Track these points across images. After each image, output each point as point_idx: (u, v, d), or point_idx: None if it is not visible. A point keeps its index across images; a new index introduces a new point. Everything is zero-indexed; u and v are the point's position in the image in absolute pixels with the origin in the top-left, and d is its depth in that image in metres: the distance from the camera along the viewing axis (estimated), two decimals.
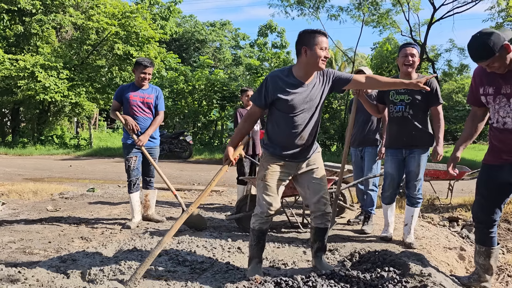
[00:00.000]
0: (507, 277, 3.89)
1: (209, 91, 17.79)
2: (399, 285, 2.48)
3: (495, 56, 2.60)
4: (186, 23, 35.34)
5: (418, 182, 3.98)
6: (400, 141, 3.96)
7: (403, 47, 4.01)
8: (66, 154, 16.58)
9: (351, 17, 16.92)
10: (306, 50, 2.82)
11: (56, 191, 7.02)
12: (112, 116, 4.87)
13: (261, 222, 2.99)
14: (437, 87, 3.91)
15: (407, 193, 4.06)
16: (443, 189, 7.19)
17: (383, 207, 4.21)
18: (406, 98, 3.91)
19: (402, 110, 3.93)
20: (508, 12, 13.85)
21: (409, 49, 3.92)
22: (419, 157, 3.93)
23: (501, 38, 2.59)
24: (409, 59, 3.89)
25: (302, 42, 2.86)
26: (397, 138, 3.98)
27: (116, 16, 17.55)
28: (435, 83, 3.94)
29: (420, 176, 3.97)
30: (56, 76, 16.52)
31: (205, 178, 9.74)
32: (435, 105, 3.91)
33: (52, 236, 4.22)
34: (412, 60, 3.90)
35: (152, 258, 2.81)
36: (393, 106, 3.99)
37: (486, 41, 2.60)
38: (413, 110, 3.91)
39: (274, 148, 2.99)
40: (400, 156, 3.99)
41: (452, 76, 26.71)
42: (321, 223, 3.06)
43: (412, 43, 4.02)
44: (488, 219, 2.96)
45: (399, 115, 3.95)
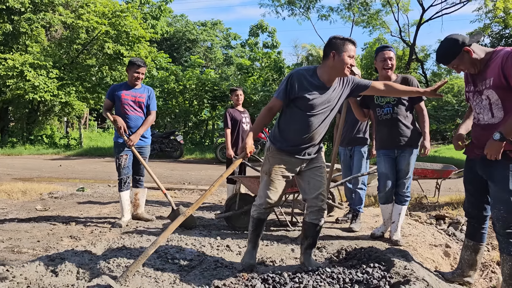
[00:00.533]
0: (491, 273, 3.98)
1: (200, 90, 17.78)
2: (383, 280, 2.53)
3: (453, 60, 2.76)
4: (177, 23, 35.27)
5: (407, 180, 4.05)
6: (393, 143, 4.02)
7: (380, 50, 4.06)
8: (56, 154, 16.47)
9: (342, 17, 17.02)
10: (335, 55, 2.93)
11: (45, 191, 6.99)
12: (104, 115, 4.90)
13: (259, 212, 3.18)
14: (417, 85, 3.98)
15: (396, 191, 4.11)
16: (431, 188, 7.29)
17: (382, 207, 4.24)
18: (392, 100, 3.98)
19: (390, 112, 4.00)
20: (495, 13, 14.05)
21: (386, 52, 4.00)
22: (410, 156, 4.00)
23: (460, 44, 2.72)
24: (388, 62, 3.97)
25: (332, 46, 2.97)
26: (389, 140, 4.03)
27: (106, 15, 17.45)
28: (415, 81, 4.02)
29: (410, 175, 4.05)
30: (46, 75, 16.40)
31: (196, 178, 9.76)
32: (418, 102, 3.99)
33: (41, 235, 4.22)
34: (391, 63, 3.99)
35: (145, 257, 2.83)
36: (380, 109, 4.05)
37: (445, 46, 2.78)
38: (400, 110, 3.98)
39: (282, 143, 3.08)
40: (393, 155, 4.06)
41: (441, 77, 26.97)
42: (315, 218, 3.13)
43: (389, 46, 4.09)
44: (480, 214, 3.04)
45: (388, 117, 4.01)
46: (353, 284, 2.58)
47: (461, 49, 2.72)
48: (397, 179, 4.08)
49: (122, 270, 3.04)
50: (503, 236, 2.77)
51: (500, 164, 2.71)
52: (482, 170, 2.86)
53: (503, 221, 2.74)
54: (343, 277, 2.65)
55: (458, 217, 5.48)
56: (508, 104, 2.70)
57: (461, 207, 5.97)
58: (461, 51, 2.72)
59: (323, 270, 2.71)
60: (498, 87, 2.66)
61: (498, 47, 2.83)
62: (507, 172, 2.69)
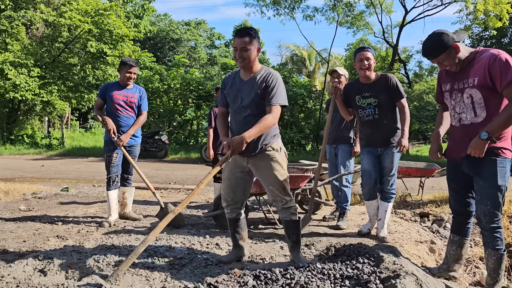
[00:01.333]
0: (474, 268, 4.09)
1: (184, 90, 17.69)
2: (374, 275, 2.58)
3: (441, 55, 2.79)
4: (161, 22, 35.03)
5: (391, 177, 4.11)
6: (376, 142, 4.08)
7: (358, 51, 4.10)
8: (37, 154, 16.18)
9: (326, 18, 17.17)
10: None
11: (28, 191, 6.87)
12: (94, 115, 4.87)
13: (226, 212, 3.28)
14: (397, 82, 4.04)
15: (381, 188, 4.18)
16: (415, 186, 7.41)
17: (366, 203, 4.30)
18: (373, 101, 4.04)
19: (372, 113, 4.05)
20: (475, 15, 14.36)
21: (364, 53, 4.04)
22: (393, 154, 4.06)
23: (450, 39, 2.77)
24: (365, 63, 4.01)
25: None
26: (372, 139, 4.09)
27: (89, 13, 17.22)
28: (394, 78, 4.08)
29: (393, 172, 4.11)
30: (27, 74, 16.10)
31: (182, 178, 9.72)
32: (399, 100, 4.03)
33: (26, 235, 4.15)
34: (368, 63, 4.03)
35: (135, 256, 2.82)
36: (362, 111, 4.10)
37: (435, 40, 2.79)
38: (382, 110, 4.03)
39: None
40: (376, 153, 4.12)
41: (423, 77, 27.43)
42: (285, 216, 3.17)
43: (366, 47, 4.12)
44: (465, 210, 3.12)
45: (370, 119, 4.07)
46: (343, 280, 2.62)
47: (450, 44, 2.76)
48: (381, 177, 4.16)
49: (112, 269, 3.02)
50: (489, 231, 2.85)
51: (487, 161, 2.78)
52: (468, 169, 2.92)
53: (489, 216, 2.82)
54: (334, 273, 2.68)
55: (442, 214, 5.59)
56: (491, 104, 2.78)
57: (445, 205, 6.11)
58: (449, 46, 2.77)
59: (314, 266, 2.74)
60: (483, 87, 2.73)
61: (479, 47, 2.90)
62: (494, 168, 2.76)
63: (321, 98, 17.22)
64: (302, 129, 16.84)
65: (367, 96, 4.05)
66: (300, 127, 16.93)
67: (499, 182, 2.77)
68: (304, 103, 17.30)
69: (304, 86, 17.31)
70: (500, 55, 2.68)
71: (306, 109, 17.57)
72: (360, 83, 4.12)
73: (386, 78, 4.06)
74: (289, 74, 18.20)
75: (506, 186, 2.82)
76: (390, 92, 3.99)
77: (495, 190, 2.78)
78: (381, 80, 4.05)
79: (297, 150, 16.29)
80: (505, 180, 2.80)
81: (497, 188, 2.78)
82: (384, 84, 4.02)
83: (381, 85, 4.02)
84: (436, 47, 2.79)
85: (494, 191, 2.78)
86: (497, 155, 2.76)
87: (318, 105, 17.31)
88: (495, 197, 2.78)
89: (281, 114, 3.24)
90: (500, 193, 2.79)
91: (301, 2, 16.84)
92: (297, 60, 32.18)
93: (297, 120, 17.31)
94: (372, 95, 4.02)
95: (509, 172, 2.82)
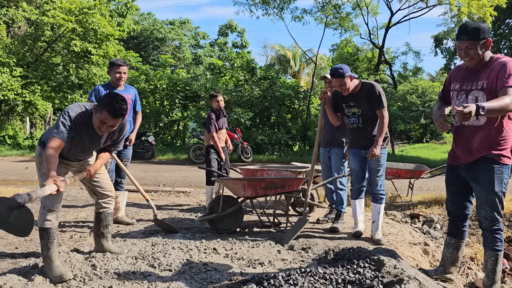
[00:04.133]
0: (467, 269, 4.16)
1: (171, 90, 17.55)
2: (376, 280, 2.60)
3: (476, 41, 2.80)
4: (144, 21, 34.66)
5: (379, 178, 4.20)
6: (360, 146, 4.23)
7: (331, 77, 4.14)
8: (20, 156, 15.84)
9: (315, 19, 17.25)
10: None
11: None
12: None
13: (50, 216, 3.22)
14: (379, 91, 4.11)
15: (370, 190, 4.28)
16: (403, 187, 7.51)
17: (352, 203, 4.40)
18: (357, 111, 4.17)
19: (356, 122, 4.20)
20: (459, 17, 14.62)
21: (334, 81, 4.08)
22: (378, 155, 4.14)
23: (488, 33, 2.83)
24: (342, 88, 4.08)
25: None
26: (356, 143, 4.26)
27: (73, 12, 16.93)
28: (377, 87, 4.15)
29: (381, 173, 4.19)
30: (9, 73, 15.75)
31: (171, 179, 9.64)
32: (379, 108, 4.10)
33: (18, 241, 4.06)
34: (343, 88, 4.09)
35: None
36: (347, 119, 4.26)
37: (479, 25, 2.83)
38: (366, 119, 4.16)
39: None
40: (361, 155, 4.26)
41: (407, 78, 27.79)
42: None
43: (336, 70, 4.07)
44: (461, 213, 3.18)
45: (354, 127, 4.23)
46: (346, 285, 2.64)
47: (486, 36, 2.81)
48: (369, 178, 4.27)
49: (111, 276, 2.97)
50: (490, 232, 2.92)
51: (485, 168, 2.84)
52: (466, 174, 2.99)
53: (489, 220, 2.89)
54: (336, 278, 2.69)
55: (432, 215, 5.68)
56: None
57: (434, 206, 6.20)
58: (485, 38, 2.81)
59: (316, 271, 2.75)
60: (490, 92, 2.79)
61: (497, 54, 2.95)
62: (492, 174, 2.82)
63: (308, 98, 17.29)
64: (289, 129, 16.89)
65: (351, 106, 4.19)
66: (287, 128, 16.98)
67: (496, 189, 2.83)
68: (291, 104, 17.35)
69: (291, 87, 17.35)
70: (508, 63, 2.76)
71: (293, 110, 17.62)
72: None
73: (369, 87, 4.16)
74: (276, 75, 18.22)
75: (504, 192, 2.88)
76: (371, 103, 4.10)
77: (493, 196, 2.84)
78: (363, 89, 4.16)
79: (285, 150, 16.33)
80: (502, 186, 2.86)
81: (494, 194, 2.84)
82: (366, 93, 4.13)
83: (364, 94, 4.14)
84: (476, 31, 2.80)
85: (491, 197, 2.85)
86: (495, 162, 2.82)
87: (305, 105, 17.39)
88: (493, 202, 2.85)
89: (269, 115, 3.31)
90: (498, 199, 2.85)
91: (290, 3, 16.90)
92: (282, 61, 32.27)
93: (284, 121, 17.35)
94: (356, 105, 4.16)
95: (507, 179, 2.87)
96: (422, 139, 29.05)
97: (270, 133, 16.28)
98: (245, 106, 16.62)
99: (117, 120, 2.95)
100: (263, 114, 17.08)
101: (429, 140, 28.79)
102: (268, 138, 15.86)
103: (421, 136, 29.44)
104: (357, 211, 4.37)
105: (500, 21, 17.70)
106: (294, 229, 4.18)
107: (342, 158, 4.87)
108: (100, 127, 2.99)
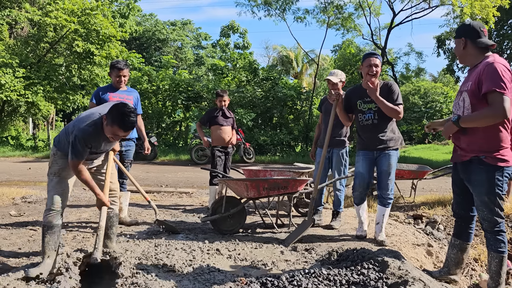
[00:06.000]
0: (471, 270, 4.13)
1: (173, 91, 17.57)
2: (381, 281, 2.59)
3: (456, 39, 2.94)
4: (146, 22, 34.69)
5: (390, 181, 4.13)
6: (372, 146, 4.14)
7: (367, 56, 4.15)
8: (23, 156, 15.88)
9: (317, 20, 17.24)
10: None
11: (17, 195, 6.72)
12: None
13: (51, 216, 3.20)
14: (397, 90, 4.12)
15: (379, 193, 4.21)
16: (406, 188, 7.49)
17: (356, 207, 4.34)
18: (374, 106, 4.12)
19: (372, 118, 4.13)
20: (462, 18, 14.57)
21: (372, 59, 4.08)
22: (390, 156, 4.10)
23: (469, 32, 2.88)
24: (373, 69, 4.07)
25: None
26: (369, 143, 4.15)
27: (75, 13, 16.97)
28: (395, 86, 4.15)
29: (391, 176, 4.13)
30: (12, 74, 15.78)
31: (173, 180, 9.64)
32: (397, 105, 4.08)
33: (21, 242, 4.06)
34: (376, 70, 4.08)
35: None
36: (362, 115, 4.18)
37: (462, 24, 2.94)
38: (381, 115, 4.10)
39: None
40: (372, 157, 4.16)
41: (410, 79, 27.75)
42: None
43: (376, 54, 4.16)
44: (466, 214, 3.16)
45: (369, 123, 4.15)
46: (350, 286, 2.63)
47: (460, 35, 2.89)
48: (380, 181, 4.17)
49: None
50: (491, 234, 2.90)
51: (476, 169, 2.83)
52: (462, 174, 3.00)
53: (488, 221, 2.87)
54: (340, 279, 2.68)
55: (435, 216, 5.65)
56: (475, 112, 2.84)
57: (437, 207, 6.18)
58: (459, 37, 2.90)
59: (320, 272, 2.74)
60: (473, 93, 2.80)
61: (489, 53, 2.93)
62: (483, 176, 2.81)
63: (310, 99, 17.29)
64: (292, 130, 16.88)
65: (368, 101, 4.13)
66: (290, 129, 16.96)
67: (487, 190, 2.81)
68: (294, 105, 17.34)
69: (293, 87, 17.35)
70: (494, 63, 2.73)
71: (295, 111, 17.61)
72: (362, 88, 4.17)
73: (388, 84, 4.14)
74: (278, 76, 18.21)
75: (500, 193, 2.84)
76: (389, 99, 4.05)
77: (485, 197, 2.83)
78: (382, 86, 4.13)
79: (287, 151, 16.32)
80: (495, 188, 2.82)
81: (487, 195, 2.82)
82: (385, 90, 4.09)
83: (383, 91, 4.09)
84: (458, 29, 2.95)
85: (484, 198, 2.84)
86: (485, 163, 2.81)
87: (307, 106, 17.37)
88: (487, 203, 2.83)
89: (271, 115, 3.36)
90: (491, 201, 2.82)
91: (292, 4, 16.90)
92: (285, 61, 32.28)
93: (287, 121, 17.34)
94: (372, 100, 4.08)
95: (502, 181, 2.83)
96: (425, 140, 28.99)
97: (272, 134, 16.27)
98: (247, 107, 16.62)
99: (129, 132, 3.09)
100: (265, 115, 17.07)
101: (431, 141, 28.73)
102: (270, 139, 15.85)
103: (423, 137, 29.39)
104: (362, 215, 4.32)
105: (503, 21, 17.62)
106: (298, 231, 4.17)
107: (343, 159, 4.86)
108: (113, 138, 3.15)
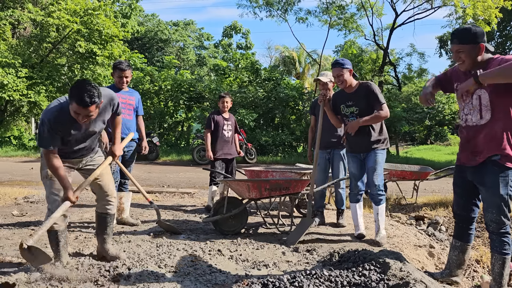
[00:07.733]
0: (473, 272, 4.13)
1: (175, 91, 17.59)
2: (382, 283, 2.59)
3: (466, 45, 2.83)
4: (149, 22, 34.76)
5: (376, 177, 4.11)
6: (360, 148, 4.21)
7: (332, 67, 4.20)
8: (25, 156, 15.93)
9: (319, 20, 17.25)
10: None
11: (20, 195, 6.74)
12: None
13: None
14: (375, 89, 4.12)
15: (369, 192, 4.24)
16: (407, 189, 7.48)
17: (351, 206, 4.38)
18: (355, 110, 4.16)
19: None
20: (464, 19, 14.56)
21: (334, 70, 4.15)
22: (376, 154, 4.14)
23: (481, 37, 2.82)
24: (337, 80, 4.15)
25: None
26: (356, 146, 4.24)
27: (78, 13, 17.02)
28: (373, 86, 4.16)
29: (378, 172, 4.12)
30: (15, 74, 15.83)
31: (175, 180, 9.66)
32: (379, 106, 4.08)
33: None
34: (339, 80, 4.13)
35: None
36: (346, 119, 4.25)
37: (469, 29, 2.84)
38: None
39: None
40: (360, 157, 4.25)
41: (412, 79, 27.71)
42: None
43: (338, 62, 4.16)
44: (467, 216, 3.16)
45: None
46: (351, 287, 2.63)
47: (478, 41, 2.81)
48: (367, 179, 4.23)
49: (110, 274, 2.98)
50: (497, 235, 2.90)
51: (491, 170, 2.83)
52: (472, 177, 2.98)
53: (496, 223, 2.87)
54: (341, 280, 2.68)
55: (437, 217, 5.65)
56: (496, 107, 2.82)
57: (439, 208, 6.18)
58: (477, 42, 2.81)
59: (321, 273, 2.74)
60: (493, 91, 2.78)
61: (497, 55, 2.93)
62: (497, 177, 2.81)
63: (311, 100, 17.27)
64: (294, 131, 16.88)
65: (350, 105, 4.19)
66: (292, 129, 16.97)
67: (501, 192, 2.81)
68: (296, 105, 17.35)
69: (295, 88, 17.35)
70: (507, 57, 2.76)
71: (298, 111, 17.62)
72: (344, 92, 4.25)
73: (365, 86, 4.18)
74: (280, 76, 18.22)
75: (511, 195, 2.86)
76: (370, 101, 4.10)
77: (499, 199, 2.83)
78: (361, 88, 4.17)
79: (289, 152, 16.32)
80: (508, 189, 2.83)
81: (500, 197, 2.82)
82: (363, 92, 4.13)
83: (361, 93, 4.14)
84: (466, 34, 2.83)
85: (497, 200, 2.83)
86: (500, 165, 2.81)
87: (309, 107, 17.37)
88: (499, 205, 2.83)
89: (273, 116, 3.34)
90: (503, 202, 2.83)
91: (294, 5, 16.92)
92: (287, 62, 32.30)
93: (288, 122, 17.35)
94: (354, 103, 4.15)
95: None
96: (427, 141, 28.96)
97: (274, 134, 16.27)
98: (249, 107, 16.63)
99: (89, 109, 2.76)
100: (267, 115, 17.08)
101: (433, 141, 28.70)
102: (272, 140, 15.86)
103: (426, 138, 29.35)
104: (357, 214, 4.34)
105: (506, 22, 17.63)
106: (299, 230, 4.17)
107: (344, 159, 4.87)
108: (78, 118, 2.84)
